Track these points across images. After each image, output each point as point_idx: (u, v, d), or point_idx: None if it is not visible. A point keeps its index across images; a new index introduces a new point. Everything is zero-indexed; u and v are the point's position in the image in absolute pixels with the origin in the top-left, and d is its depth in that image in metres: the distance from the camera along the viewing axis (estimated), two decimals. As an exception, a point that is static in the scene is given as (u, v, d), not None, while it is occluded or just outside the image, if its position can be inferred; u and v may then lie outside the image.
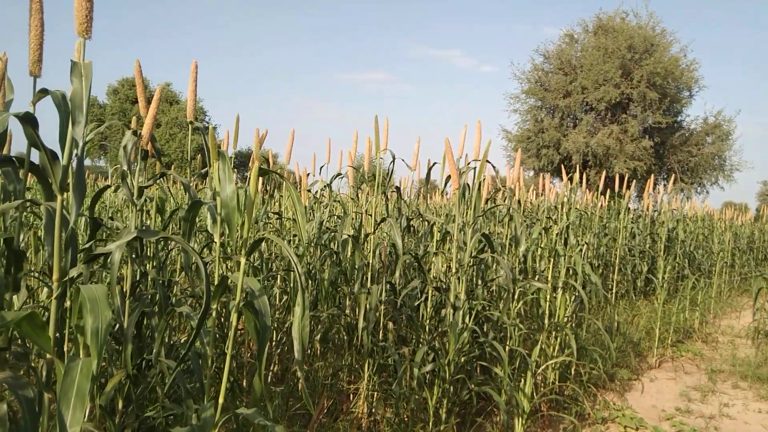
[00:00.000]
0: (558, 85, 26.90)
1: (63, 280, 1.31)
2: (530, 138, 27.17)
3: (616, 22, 26.63)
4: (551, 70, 27.95)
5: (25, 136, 1.32)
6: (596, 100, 25.69)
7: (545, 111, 28.01)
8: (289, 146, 4.80)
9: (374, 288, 3.41)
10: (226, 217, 1.94)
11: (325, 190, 5.19)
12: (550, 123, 26.89)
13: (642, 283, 9.04)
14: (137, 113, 2.80)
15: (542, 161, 26.75)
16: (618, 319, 7.02)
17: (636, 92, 25.17)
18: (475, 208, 3.34)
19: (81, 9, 1.32)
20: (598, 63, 25.59)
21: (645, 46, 25.38)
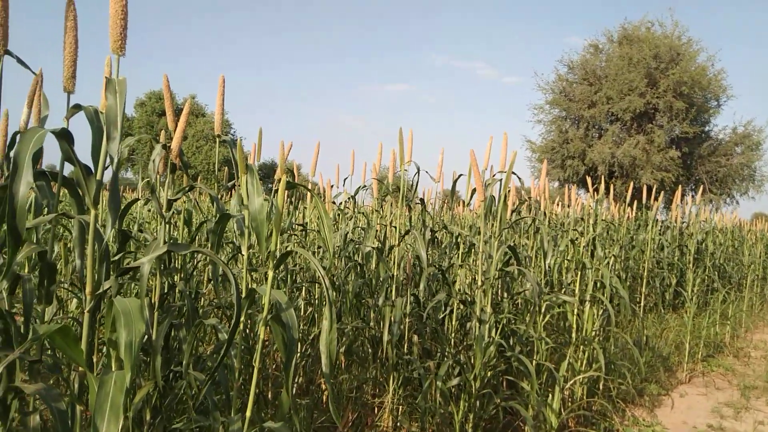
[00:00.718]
0: (583, 95, 26.70)
1: (96, 293, 1.33)
2: (555, 149, 26.96)
3: (641, 31, 26.38)
4: (576, 81, 27.76)
5: (60, 151, 1.35)
6: (622, 110, 25.42)
7: (570, 121, 27.80)
8: (315, 158, 4.83)
9: (399, 300, 3.40)
10: (255, 230, 1.95)
11: (349, 201, 5.21)
12: (575, 133, 26.67)
13: (671, 296, 8.87)
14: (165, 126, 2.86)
15: (567, 172, 26.51)
16: (646, 332, 6.88)
17: (662, 102, 24.86)
18: (501, 220, 3.31)
19: (116, 27, 1.35)
20: (623, 73, 25.34)
21: (671, 55, 25.09)
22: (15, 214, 1.14)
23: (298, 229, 5.01)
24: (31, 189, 1.39)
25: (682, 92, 24.68)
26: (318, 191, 5.67)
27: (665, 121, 25.58)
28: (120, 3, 1.35)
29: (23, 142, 1.19)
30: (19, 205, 1.14)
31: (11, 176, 1.16)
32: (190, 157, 37.72)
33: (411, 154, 3.88)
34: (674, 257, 9.27)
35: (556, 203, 10.19)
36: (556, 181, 27.41)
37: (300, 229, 4.94)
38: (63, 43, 1.59)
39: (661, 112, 25.37)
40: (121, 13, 1.36)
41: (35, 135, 1.21)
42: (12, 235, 1.15)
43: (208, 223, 2.92)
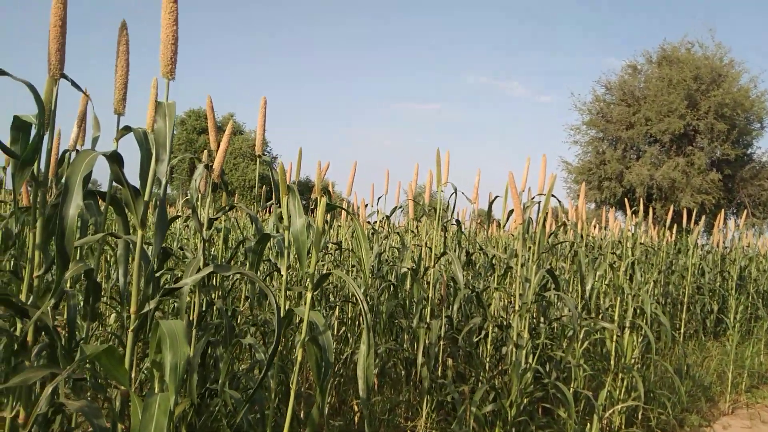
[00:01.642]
0: (620, 116, 26.34)
1: (140, 312, 1.35)
2: (591, 170, 26.60)
3: (681, 52, 25.98)
4: (613, 101, 27.43)
5: (110, 172, 1.38)
6: (661, 131, 24.99)
7: (607, 142, 27.43)
8: (351, 178, 4.85)
9: (434, 323, 3.36)
10: (297, 251, 1.96)
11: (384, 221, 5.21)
12: (613, 155, 26.29)
13: (712, 324, 8.60)
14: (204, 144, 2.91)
15: (604, 194, 26.10)
16: (687, 361, 6.67)
17: (703, 124, 24.36)
18: (540, 243, 3.26)
19: (167, 52, 1.38)
20: (662, 94, 24.95)
21: (712, 76, 24.61)
22: (64, 235, 1.17)
23: (332, 248, 5.03)
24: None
25: (724, 114, 24.15)
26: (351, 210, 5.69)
27: (706, 143, 25.03)
28: (171, 28, 1.39)
29: (75, 165, 1.23)
30: (69, 226, 1.17)
31: (62, 198, 1.19)
32: (227, 174, 38.38)
33: (448, 175, 3.87)
34: (716, 283, 9.00)
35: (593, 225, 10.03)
36: (593, 202, 27.01)
37: (335, 248, 4.95)
38: (115, 67, 1.63)
39: (701, 134, 24.86)
40: (172, 38, 1.39)
41: (86, 158, 1.24)
42: (61, 256, 1.17)
43: (248, 242, 2.95)
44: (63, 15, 1.53)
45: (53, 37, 1.52)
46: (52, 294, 1.32)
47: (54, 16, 1.52)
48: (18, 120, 1.68)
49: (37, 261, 1.51)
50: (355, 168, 4.93)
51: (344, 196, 5.17)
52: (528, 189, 4.15)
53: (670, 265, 8.42)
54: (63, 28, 1.53)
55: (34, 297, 1.51)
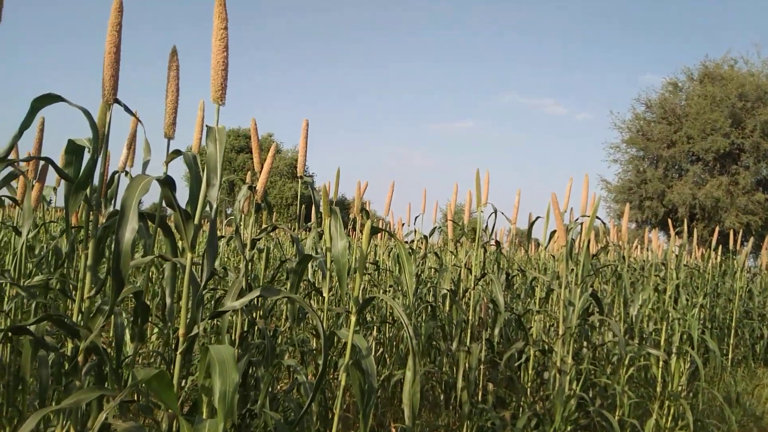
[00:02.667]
0: (661, 134, 25.83)
1: (189, 335, 1.36)
2: (632, 189, 26.09)
3: (724, 69, 25.41)
4: (654, 119, 26.94)
5: (162, 196, 1.40)
6: (704, 150, 24.39)
7: (648, 161, 26.90)
8: (389, 198, 4.85)
9: (475, 347, 3.31)
10: (338, 273, 1.95)
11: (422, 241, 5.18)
12: (654, 173, 25.75)
13: (762, 350, 8.26)
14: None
15: (645, 213, 25.54)
16: (737, 388, 6.41)
17: (748, 142, 23.69)
18: (584, 266, 3.19)
19: (217, 78, 1.40)
20: (705, 112, 24.39)
21: (758, 93, 23.97)
22: (119, 259, 1.19)
23: (370, 268, 5.02)
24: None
25: (771, 132, 23.50)
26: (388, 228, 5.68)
27: (751, 162, 24.33)
28: (222, 54, 1.41)
29: (130, 189, 1.25)
30: (124, 250, 1.19)
31: (118, 222, 1.21)
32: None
33: (487, 195, 3.83)
34: (765, 307, 8.67)
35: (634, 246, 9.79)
36: (634, 222, 26.45)
37: (372, 267, 4.94)
38: (165, 92, 1.66)
39: (746, 153, 24.18)
40: (223, 64, 1.41)
41: (141, 182, 1.27)
42: (115, 278, 1.19)
43: (289, 263, 2.96)
44: (117, 42, 1.57)
45: (108, 63, 1.56)
46: (107, 316, 1.34)
47: (109, 44, 1.56)
48: (72, 144, 1.72)
49: (89, 282, 1.54)
50: (393, 188, 4.93)
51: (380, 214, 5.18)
52: (570, 210, 4.09)
53: (716, 287, 8.15)
54: (117, 55, 1.57)
55: (85, 318, 1.54)
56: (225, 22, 1.41)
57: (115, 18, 1.57)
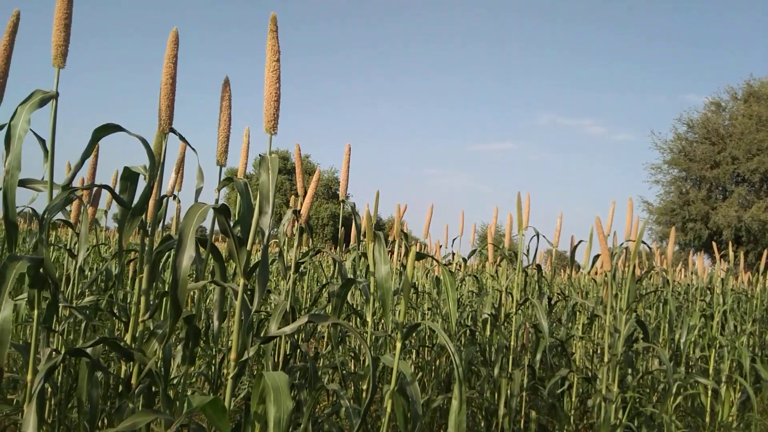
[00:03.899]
0: (704, 155, 25.26)
1: (240, 360, 1.38)
2: (674, 210, 25.50)
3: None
4: (696, 140, 26.38)
5: (217, 223, 1.44)
6: (749, 170, 23.74)
7: (691, 182, 26.29)
8: (427, 221, 4.85)
9: (517, 373, 3.26)
10: (382, 299, 1.96)
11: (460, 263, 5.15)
12: (697, 195, 25.14)
13: (817, 379, 7.90)
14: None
15: (688, 236, 24.90)
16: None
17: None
18: (630, 292, 3.13)
19: (270, 108, 1.44)
20: (750, 132, 23.78)
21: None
22: (177, 286, 1.22)
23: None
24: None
25: (821, 153, 22.75)
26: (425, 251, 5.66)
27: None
28: (274, 86, 1.45)
29: (188, 218, 1.29)
30: (182, 277, 1.23)
31: (176, 250, 1.25)
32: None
33: (528, 218, 3.80)
34: (820, 335, 8.30)
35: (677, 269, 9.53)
36: (677, 244, 25.79)
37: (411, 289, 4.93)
38: (218, 121, 1.71)
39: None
40: (275, 95, 1.45)
41: (198, 211, 1.31)
42: (174, 304, 1.22)
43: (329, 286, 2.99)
44: (173, 74, 1.63)
45: (164, 94, 1.62)
46: (165, 340, 1.37)
47: (165, 75, 1.62)
48: (127, 171, 1.79)
49: (143, 306, 1.59)
50: (432, 211, 4.93)
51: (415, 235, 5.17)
52: (614, 233, 4.01)
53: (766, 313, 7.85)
54: (173, 86, 1.63)
55: (139, 341, 1.58)
56: (277, 55, 1.46)
57: (171, 50, 1.63)
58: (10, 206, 1.44)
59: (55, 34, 1.53)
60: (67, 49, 1.54)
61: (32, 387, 1.42)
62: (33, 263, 1.31)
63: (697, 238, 24.74)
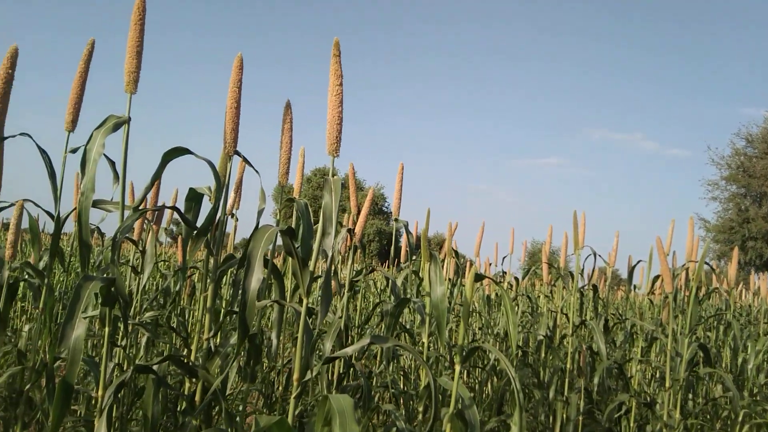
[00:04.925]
0: (765, 170, 24.29)
1: (303, 380, 1.39)
2: (733, 228, 24.57)
3: (836, 100, 23.72)
4: (756, 155, 25.42)
5: (282, 245, 1.47)
6: (814, 187, 22.69)
7: (750, 199, 25.31)
8: (479, 239, 4.81)
9: (573, 397, 3.18)
10: (437, 319, 1.95)
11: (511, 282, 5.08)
12: (757, 212, 24.16)
13: None
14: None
15: (749, 255, 23.92)
16: None
17: None
18: (692, 315, 3.02)
19: (333, 131, 1.46)
20: (814, 146, 22.78)
21: None
22: (246, 307, 1.25)
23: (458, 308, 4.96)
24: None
25: None
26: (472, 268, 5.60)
27: None
28: (337, 109, 1.47)
29: (256, 240, 1.32)
30: (250, 299, 1.25)
31: (245, 272, 1.28)
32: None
33: (584, 237, 3.72)
34: None
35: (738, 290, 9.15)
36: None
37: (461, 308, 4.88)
38: (279, 143, 1.75)
39: None
40: (338, 118, 1.47)
41: (266, 233, 1.33)
42: (242, 326, 1.25)
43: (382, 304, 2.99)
44: (237, 98, 1.68)
45: (229, 118, 1.66)
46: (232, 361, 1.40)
47: (230, 99, 1.67)
48: (192, 192, 1.84)
49: (207, 323, 1.62)
50: (483, 229, 4.89)
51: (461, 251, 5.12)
52: (673, 253, 3.89)
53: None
54: (237, 110, 1.67)
55: (203, 358, 1.62)
56: (340, 79, 1.48)
57: (236, 75, 1.68)
58: (84, 227, 1.50)
59: (128, 61, 1.59)
60: (138, 75, 1.60)
61: (102, 402, 1.46)
62: (106, 283, 1.36)
63: (758, 257, 23.73)
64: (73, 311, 1.24)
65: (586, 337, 4.98)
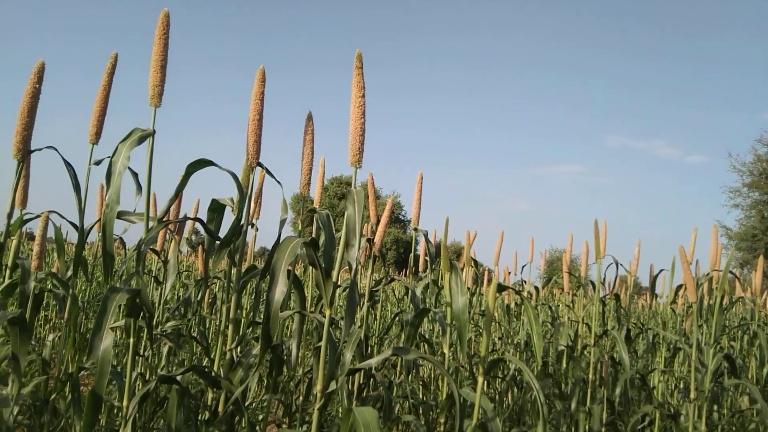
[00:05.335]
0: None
1: (326, 392, 1.39)
2: (756, 236, 24.18)
3: None
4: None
5: (306, 256, 1.48)
6: (839, 193, 22.27)
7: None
8: (498, 248, 4.78)
9: (596, 408, 3.14)
10: (458, 330, 1.94)
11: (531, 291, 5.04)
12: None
13: None
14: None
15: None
16: None
17: None
18: (717, 325, 2.97)
19: (355, 143, 1.47)
20: (839, 152, 22.37)
21: None
22: (270, 319, 1.25)
23: (478, 318, 4.93)
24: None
25: None
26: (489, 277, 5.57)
27: None
28: (359, 121, 1.48)
29: (280, 252, 1.32)
30: (274, 311, 1.26)
31: (269, 284, 1.28)
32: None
33: (605, 246, 3.69)
34: None
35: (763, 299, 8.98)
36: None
37: (481, 317, 4.85)
38: (301, 154, 1.76)
39: None
40: (360, 130, 1.48)
41: (290, 245, 1.34)
42: (265, 337, 1.25)
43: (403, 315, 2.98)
44: (260, 110, 1.69)
45: (252, 130, 1.67)
46: (255, 370, 1.40)
47: (253, 111, 1.68)
48: (215, 203, 1.85)
49: (231, 334, 1.63)
50: (502, 238, 4.86)
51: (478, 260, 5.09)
52: (696, 262, 3.83)
53: None
54: (260, 122, 1.68)
55: (226, 369, 1.62)
56: (362, 91, 1.48)
57: (259, 88, 1.69)
58: (108, 238, 1.52)
59: (152, 75, 1.62)
60: (163, 89, 1.62)
61: (128, 412, 1.47)
62: (131, 294, 1.37)
63: (782, 265, 23.31)
64: (100, 323, 1.25)
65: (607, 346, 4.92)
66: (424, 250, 4.14)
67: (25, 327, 1.68)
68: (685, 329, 3.90)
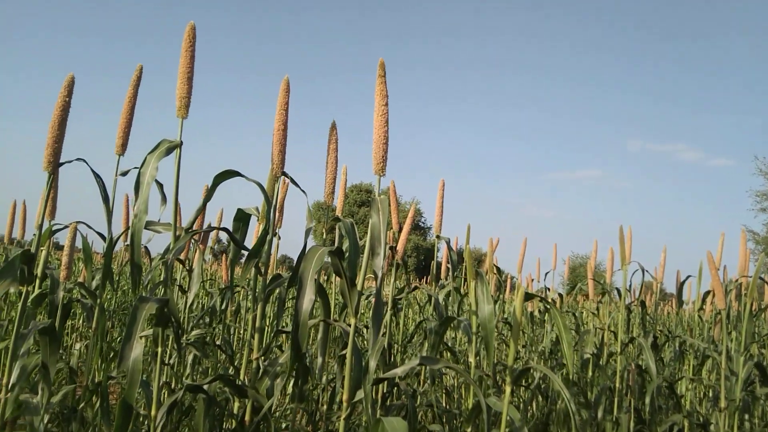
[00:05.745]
0: (817, 180, 23.39)
1: (352, 401, 1.39)
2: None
3: None
4: (806, 164, 24.52)
5: (331, 264, 1.48)
6: None
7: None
8: (521, 256, 4.75)
9: (624, 417, 3.09)
10: (485, 339, 1.92)
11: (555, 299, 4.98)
12: (809, 223, 23.25)
13: None
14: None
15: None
16: None
17: None
18: (747, 332, 2.90)
19: (378, 151, 1.47)
20: None
21: None
22: (299, 328, 1.26)
23: (501, 326, 4.89)
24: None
25: None
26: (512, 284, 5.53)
27: None
28: (383, 129, 1.48)
29: (307, 261, 1.33)
30: (303, 320, 1.26)
31: (297, 293, 1.28)
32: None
33: (631, 252, 3.64)
34: None
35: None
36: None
37: (505, 327, 4.82)
38: (325, 163, 1.76)
39: None
40: (383, 138, 1.48)
41: (317, 254, 1.34)
42: (294, 346, 1.26)
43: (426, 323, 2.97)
44: (285, 120, 1.70)
45: (276, 140, 1.69)
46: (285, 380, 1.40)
47: (277, 122, 1.70)
48: (240, 212, 1.87)
49: (257, 343, 1.64)
50: (525, 245, 4.83)
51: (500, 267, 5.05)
52: (723, 267, 3.77)
53: None
54: (285, 132, 1.69)
55: (252, 378, 1.63)
56: (386, 99, 1.49)
57: (283, 98, 1.70)
58: (135, 249, 1.54)
59: (179, 86, 1.64)
60: (189, 100, 1.64)
61: (156, 421, 1.48)
62: (160, 304, 1.38)
63: (811, 270, 22.80)
64: (130, 333, 1.27)
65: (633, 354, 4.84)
66: (446, 258, 4.13)
67: (54, 336, 1.70)
68: (713, 336, 3.83)
